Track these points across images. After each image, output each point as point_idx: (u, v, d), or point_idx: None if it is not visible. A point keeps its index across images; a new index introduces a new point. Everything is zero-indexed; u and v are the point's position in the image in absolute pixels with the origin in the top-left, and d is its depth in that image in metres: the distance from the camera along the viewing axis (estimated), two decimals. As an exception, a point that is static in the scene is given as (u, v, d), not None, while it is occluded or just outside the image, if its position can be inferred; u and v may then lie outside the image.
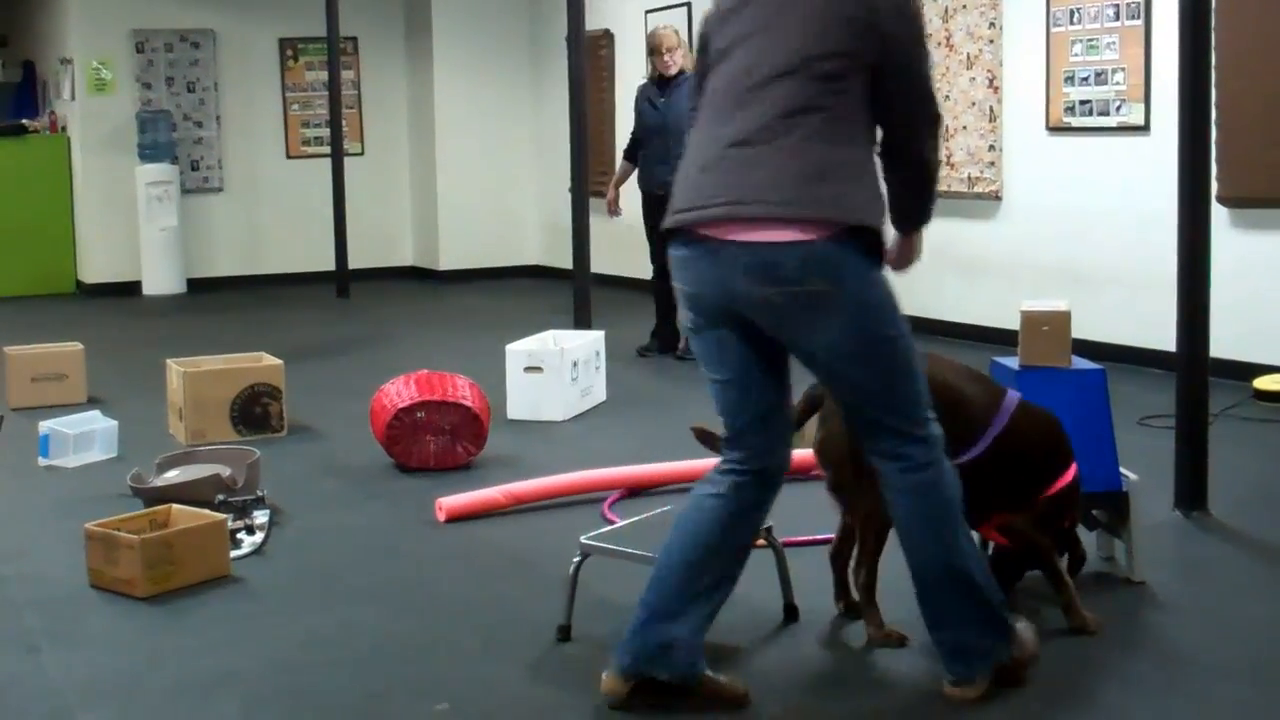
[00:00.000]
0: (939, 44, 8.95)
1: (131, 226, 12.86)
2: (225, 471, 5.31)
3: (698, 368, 3.54)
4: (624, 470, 5.50)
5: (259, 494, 5.28)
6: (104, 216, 13.04)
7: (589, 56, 10.21)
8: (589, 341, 7.22)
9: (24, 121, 13.77)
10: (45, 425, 6.33)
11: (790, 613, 4.09)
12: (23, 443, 6.51)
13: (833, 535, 4.10)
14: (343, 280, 12.27)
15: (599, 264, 9.26)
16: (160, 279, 12.87)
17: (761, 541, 4.12)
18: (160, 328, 10.85)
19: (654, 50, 8.39)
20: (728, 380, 3.40)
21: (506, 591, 4.40)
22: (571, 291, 8.66)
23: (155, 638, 4.15)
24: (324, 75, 13.04)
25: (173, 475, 5.48)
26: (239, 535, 4.95)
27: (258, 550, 4.91)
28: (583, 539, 4.04)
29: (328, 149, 12.83)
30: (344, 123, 12.55)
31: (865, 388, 3.33)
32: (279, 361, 6.88)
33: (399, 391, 6.02)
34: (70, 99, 13.25)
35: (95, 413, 6.61)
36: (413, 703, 3.60)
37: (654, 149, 8.38)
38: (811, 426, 4.01)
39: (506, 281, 13.47)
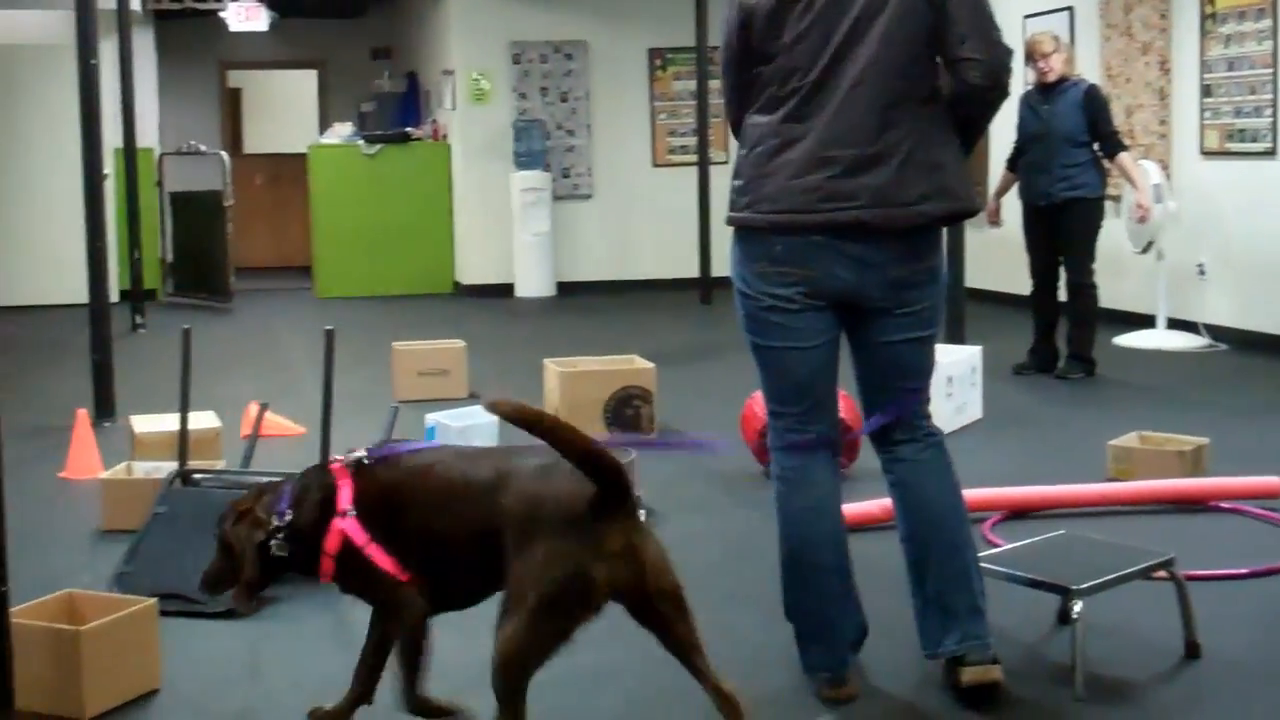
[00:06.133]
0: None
1: (506, 231, 13.33)
2: (603, 470, 5.38)
3: (1078, 388, 3.42)
4: (1007, 491, 5.31)
5: (635, 493, 5.33)
6: (481, 221, 13.57)
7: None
8: (965, 357, 7.02)
9: (408, 130, 14.46)
10: (431, 418, 6.58)
11: (1191, 649, 3.85)
12: (410, 434, 6.77)
13: (1244, 570, 3.84)
14: (706, 287, 12.38)
15: (972, 278, 9.01)
16: (532, 282, 13.29)
17: (1163, 574, 3.91)
18: (532, 328, 11.20)
19: (1030, 56, 8.13)
20: (815, 347, 3.53)
21: (886, 606, 4.29)
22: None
23: (540, 629, 4.23)
24: (691, 85, 13.19)
25: (553, 471, 5.59)
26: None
27: (635, 550, 4.94)
28: (970, 559, 3.90)
29: (694, 157, 12.97)
30: (710, 131, 12.67)
31: (927, 358, 3.61)
32: (651, 365, 6.96)
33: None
34: (451, 108, 13.83)
35: (477, 407, 6.83)
36: (794, 712, 3.55)
37: (1034, 158, 8.11)
38: None
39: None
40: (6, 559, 3.38)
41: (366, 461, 3.25)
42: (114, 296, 9.36)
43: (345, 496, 3.21)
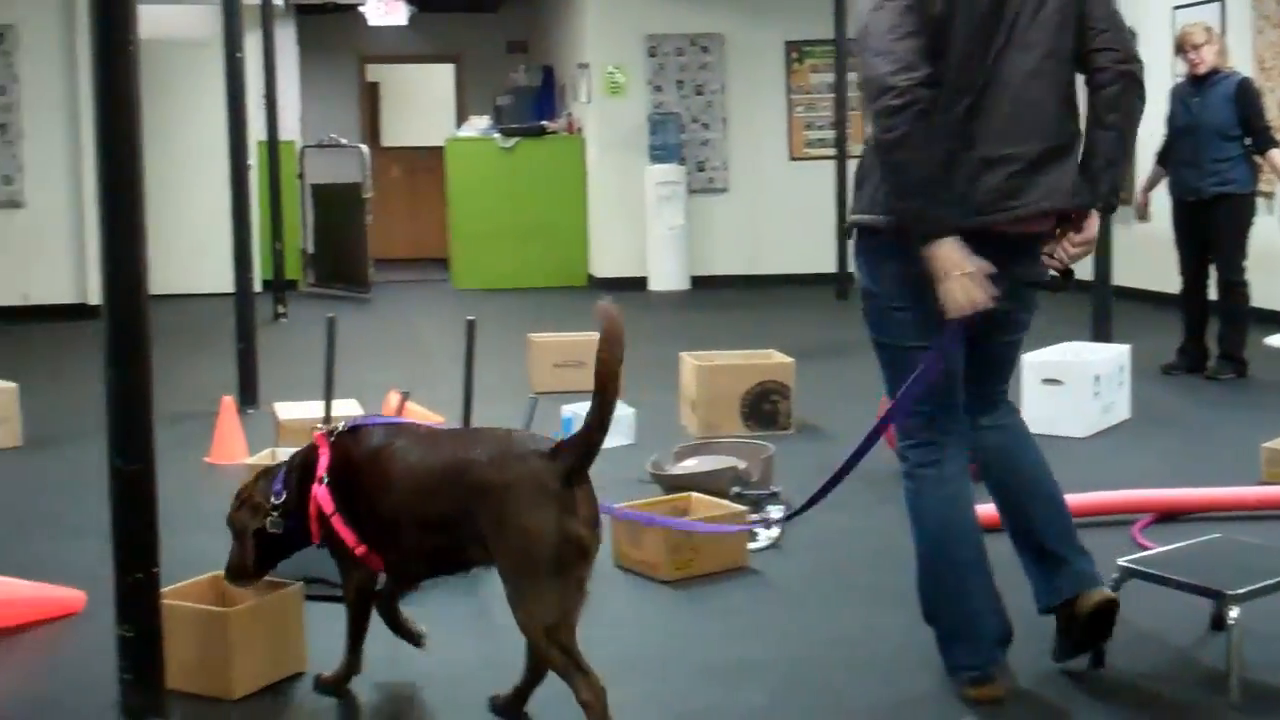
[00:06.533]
0: None
1: (640, 224, 13.33)
2: (741, 464, 5.35)
3: (1228, 388, 3.33)
4: (1156, 493, 5.17)
5: (773, 489, 5.30)
6: (615, 214, 13.59)
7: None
8: (1113, 356, 6.85)
9: (544, 123, 14.54)
10: (568, 409, 6.59)
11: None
12: (547, 425, 6.79)
13: None
14: (842, 283, 12.26)
15: (1120, 275, 8.79)
16: (665, 275, 13.28)
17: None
18: (666, 322, 11.18)
19: (1181, 48, 7.91)
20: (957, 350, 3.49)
21: (1029, 607, 4.19)
22: (1087, 302, 8.27)
23: (679, 621, 4.22)
24: (829, 78, 13.08)
25: (690, 464, 5.57)
26: (755, 529, 4.96)
27: (774, 544, 4.91)
28: (1121, 561, 3.81)
29: (831, 151, 12.86)
30: (848, 125, 12.54)
31: (1018, 357, 3.83)
32: (789, 359, 6.90)
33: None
34: (586, 101, 13.87)
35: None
36: (940, 714, 3.49)
37: (1182, 152, 7.90)
38: None
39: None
40: (157, 541, 3.45)
41: (340, 432, 3.49)
42: (257, 286, 9.52)
43: (323, 464, 3.47)
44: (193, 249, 12.66)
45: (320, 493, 3.46)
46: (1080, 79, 3.48)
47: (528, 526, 3.12)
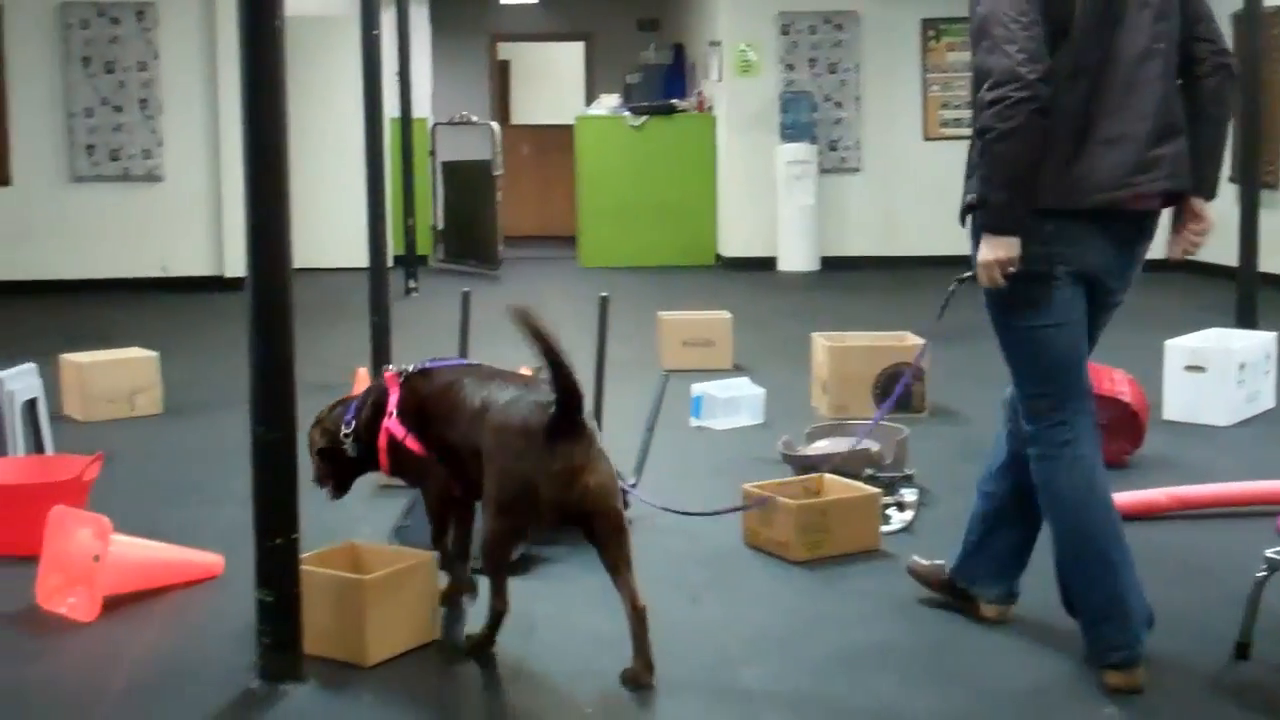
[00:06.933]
0: None
1: (770, 204, 13.24)
2: (874, 447, 5.28)
3: None
4: (1305, 484, 5.02)
5: (907, 472, 5.23)
6: (745, 193, 13.51)
7: (1260, 35, 9.45)
8: (1259, 343, 6.65)
9: (674, 101, 14.49)
10: (698, 388, 6.58)
11: None
12: (676, 402, 6.78)
13: None
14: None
15: (1266, 262, 8.53)
16: (795, 255, 13.16)
17: None
18: (796, 302, 11.10)
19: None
20: (1075, 322, 3.52)
21: (1176, 597, 4.08)
22: (1231, 288, 8.06)
23: (809, 602, 4.18)
24: (966, 56, 12.77)
25: (822, 445, 5.52)
26: (888, 511, 4.90)
27: (907, 528, 4.85)
28: (1268, 553, 3.68)
29: (967, 131, 12.57)
30: (983, 105, 12.31)
31: None
32: (923, 341, 6.80)
33: (1050, 379, 5.78)
34: (717, 80, 13.80)
35: (744, 379, 6.80)
36: (1079, 703, 3.42)
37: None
38: None
39: (1150, 274, 12.76)
40: (297, 508, 3.49)
41: (410, 373, 3.93)
42: (388, 262, 9.61)
43: (393, 401, 3.91)
44: (326, 224, 12.84)
45: (391, 424, 3.88)
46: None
47: (499, 461, 3.53)
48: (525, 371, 5.56)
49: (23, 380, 5.74)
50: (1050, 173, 3.36)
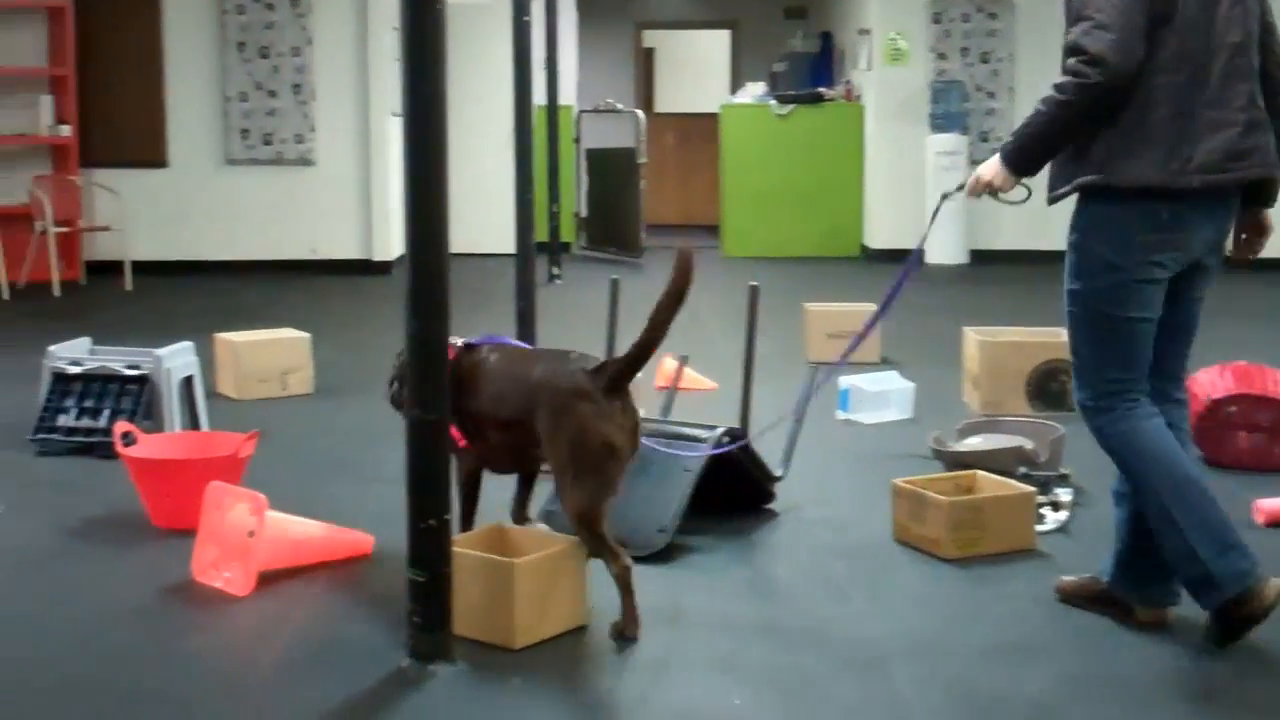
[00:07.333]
0: None
1: (918, 195, 13.06)
2: (1028, 444, 5.16)
3: None
4: None
5: (1063, 471, 5.10)
6: (892, 184, 13.35)
7: None
8: None
9: (821, 90, 14.36)
10: (846, 381, 6.49)
11: None
12: (824, 395, 6.71)
13: None
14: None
15: None
16: (943, 248, 12.96)
17: None
18: (944, 296, 10.93)
19: None
20: (1153, 319, 3.63)
21: None
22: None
23: (962, 600, 4.09)
24: (1123, 48, 12.54)
25: (975, 442, 5.41)
26: (1042, 510, 4.78)
27: (1062, 528, 4.73)
28: None
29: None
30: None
31: None
32: (1077, 337, 6.62)
33: (1213, 381, 5.61)
34: (866, 69, 13.65)
35: (894, 373, 6.70)
36: (1240, 689, 3.31)
37: None
38: None
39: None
40: (449, 491, 3.50)
41: (459, 349, 4.02)
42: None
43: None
44: (471, 209, 12.95)
45: None
46: None
47: (570, 428, 3.63)
48: (671, 359, 5.56)
49: (180, 358, 5.87)
50: (1158, 154, 3.47)
